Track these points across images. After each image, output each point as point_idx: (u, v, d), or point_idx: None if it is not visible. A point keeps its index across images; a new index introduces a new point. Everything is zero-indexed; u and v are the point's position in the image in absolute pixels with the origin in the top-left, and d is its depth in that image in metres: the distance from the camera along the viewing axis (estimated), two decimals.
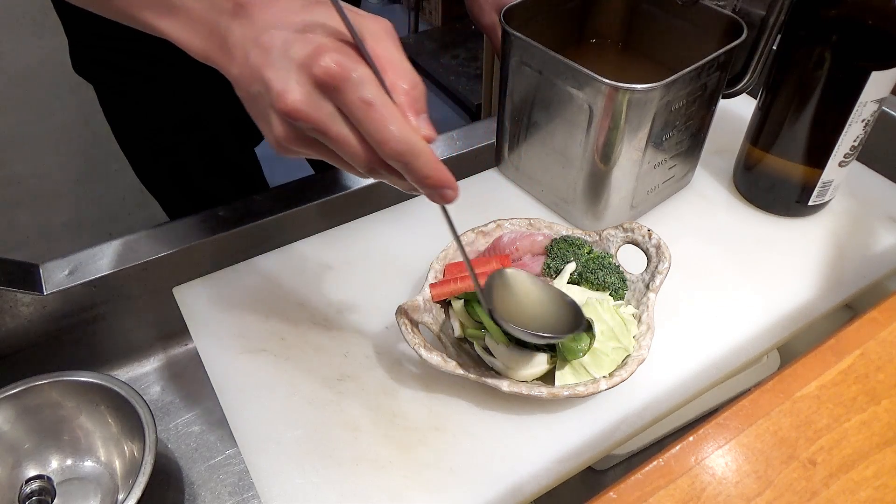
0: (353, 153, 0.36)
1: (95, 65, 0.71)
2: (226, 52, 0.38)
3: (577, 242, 0.56)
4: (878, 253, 0.64)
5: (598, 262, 0.55)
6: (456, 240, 0.44)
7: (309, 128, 0.35)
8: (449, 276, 0.54)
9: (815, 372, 0.40)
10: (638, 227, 0.57)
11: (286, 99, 0.34)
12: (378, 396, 0.52)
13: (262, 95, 0.36)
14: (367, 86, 0.34)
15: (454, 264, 0.56)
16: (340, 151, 0.36)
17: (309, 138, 0.37)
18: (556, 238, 0.58)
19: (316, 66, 0.34)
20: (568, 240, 0.57)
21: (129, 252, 0.63)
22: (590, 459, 0.49)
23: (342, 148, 0.36)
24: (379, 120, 0.34)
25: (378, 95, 0.34)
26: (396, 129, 0.34)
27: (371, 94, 0.34)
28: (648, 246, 0.56)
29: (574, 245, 0.56)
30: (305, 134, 0.36)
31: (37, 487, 0.56)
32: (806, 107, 0.59)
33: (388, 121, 0.34)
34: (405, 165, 0.35)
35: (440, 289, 0.53)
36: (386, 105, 0.34)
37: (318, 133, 0.35)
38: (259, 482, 0.47)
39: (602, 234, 0.58)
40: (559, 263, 0.55)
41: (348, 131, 0.35)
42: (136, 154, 0.79)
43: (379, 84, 0.34)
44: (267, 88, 0.35)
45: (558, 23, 0.69)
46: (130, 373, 0.68)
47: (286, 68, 0.35)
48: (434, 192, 0.36)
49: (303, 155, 0.39)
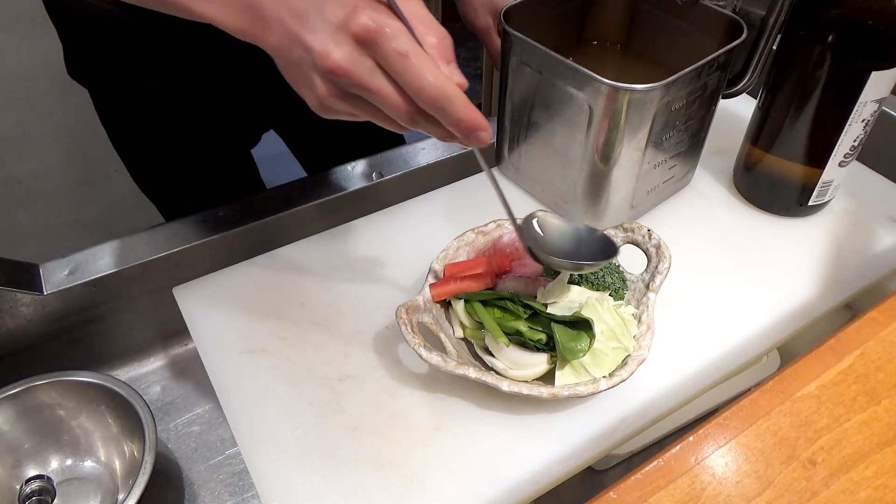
0: (393, 104, 0.38)
1: (93, 67, 0.70)
2: (262, 25, 0.39)
3: None
4: (878, 253, 0.64)
5: None
6: (493, 183, 0.46)
7: (352, 84, 0.37)
8: (449, 276, 0.55)
9: (815, 372, 0.40)
10: (638, 228, 0.57)
11: (329, 58, 0.36)
12: (378, 396, 0.52)
13: (303, 60, 0.38)
14: (401, 39, 0.36)
15: (454, 264, 0.56)
16: (381, 104, 0.38)
17: (351, 95, 0.39)
18: None
19: (354, 23, 0.36)
20: None
21: (129, 252, 0.63)
22: (590, 459, 0.49)
23: (383, 100, 0.38)
24: (415, 69, 0.36)
25: (412, 47, 0.36)
26: (432, 77, 0.36)
27: (406, 47, 0.36)
28: (648, 246, 0.56)
29: None
30: (348, 91, 0.38)
31: (37, 487, 0.56)
32: (806, 107, 0.59)
33: (423, 70, 0.36)
34: (441, 111, 0.37)
35: (440, 289, 0.53)
36: (420, 56, 0.36)
37: (360, 89, 0.38)
38: (259, 482, 0.47)
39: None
40: None
41: (388, 84, 0.38)
42: (133, 156, 0.78)
43: (412, 37, 0.37)
44: (308, 51, 0.37)
45: (558, 23, 0.69)
46: (130, 373, 0.68)
47: (325, 30, 0.37)
48: (469, 134, 0.38)
49: (345, 114, 0.40)
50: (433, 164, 0.74)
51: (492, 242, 0.58)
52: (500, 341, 0.50)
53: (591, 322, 0.49)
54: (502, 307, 0.52)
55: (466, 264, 0.55)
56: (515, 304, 0.51)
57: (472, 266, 0.55)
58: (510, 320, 0.51)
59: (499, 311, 0.52)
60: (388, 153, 0.74)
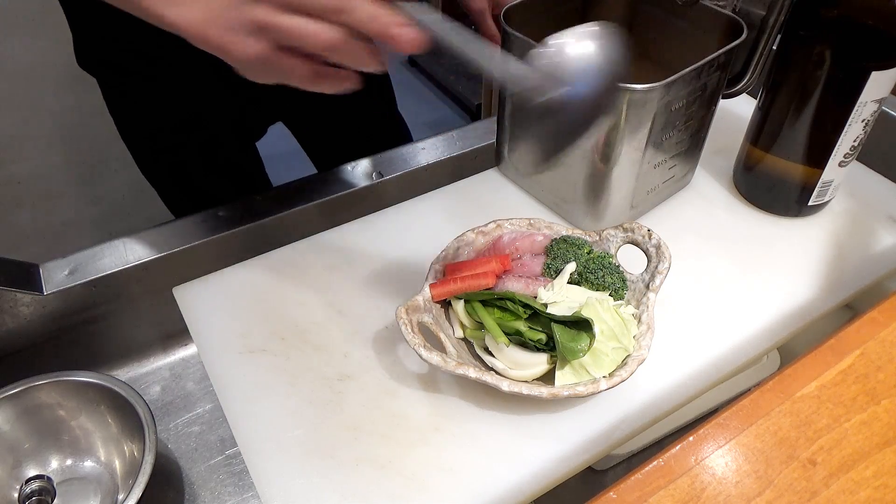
0: (311, 32, 0.40)
1: (98, 61, 0.71)
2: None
3: (577, 242, 0.56)
4: (878, 253, 0.64)
5: (598, 262, 0.55)
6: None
7: (275, 32, 0.40)
8: (449, 276, 0.55)
9: (815, 372, 0.40)
10: (638, 227, 0.57)
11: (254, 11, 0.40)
12: (378, 396, 0.52)
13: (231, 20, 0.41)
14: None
15: (454, 264, 0.56)
16: (301, 40, 0.40)
17: (274, 51, 0.41)
18: (556, 238, 0.58)
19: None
20: (568, 240, 0.57)
21: (129, 252, 0.63)
22: (590, 459, 0.49)
23: (302, 35, 0.40)
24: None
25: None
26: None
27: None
28: (648, 246, 0.56)
29: (574, 245, 0.56)
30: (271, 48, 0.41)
31: (37, 487, 0.56)
32: (806, 107, 0.59)
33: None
34: (345, 17, 0.39)
35: (440, 289, 0.53)
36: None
37: (280, 32, 0.40)
38: (259, 482, 0.47)
39: (602, 234, 0.58)
40: (559, 263, 0.55)
41: (303, 20, 0.40)
42: (138, 151, 0.79)
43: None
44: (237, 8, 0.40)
45: (558, 23, 0.69)
46: (130, 373, 0.68)
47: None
48: (387, 35, 0.39)
49: (272, 74, 0.43)
50: (433, 164, 0.74)
51: (492, 242, 0.58)
52: (500, 341, 0.50)
53: (591, 322, 0.49)
54: (502, 307, 0.52)
55: (466, 264, 0.55)
56: (515, 304, 0.51)
57: (472, 266, 0.55)
58: (510, 320, 0.51)
59: (499, 311, 0.52)
60: (388, 153, 0.75)
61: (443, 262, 0.56)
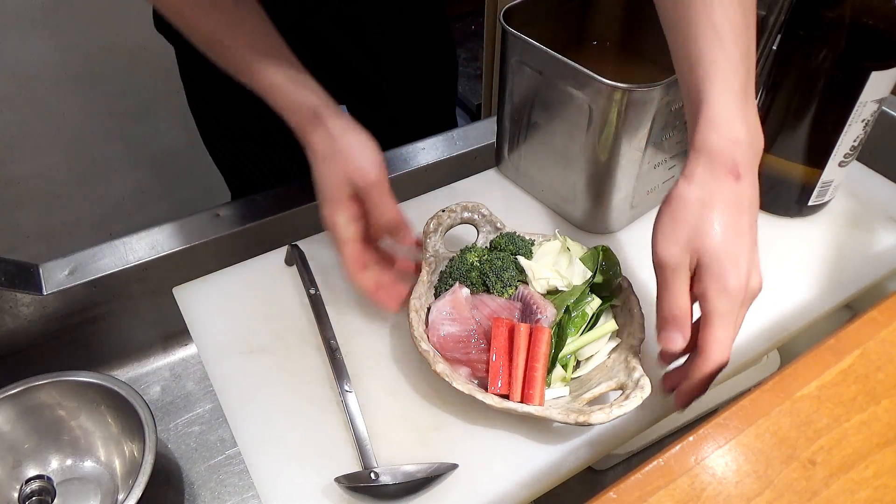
0: (387, 212, 0.54)
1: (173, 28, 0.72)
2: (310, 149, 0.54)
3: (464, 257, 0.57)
4: (878, 253, 0.64)
5: (491, 265, 0.55)
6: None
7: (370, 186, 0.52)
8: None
9: (815, 372, 0.40)
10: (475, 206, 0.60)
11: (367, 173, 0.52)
12: (378, 396, 0.52)
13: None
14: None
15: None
16: (380, 209, 0.53)
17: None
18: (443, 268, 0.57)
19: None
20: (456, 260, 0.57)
21: (129, 252, 0.63)
22: (590, 459, 0.49)
23: (384, 208, 0.54)
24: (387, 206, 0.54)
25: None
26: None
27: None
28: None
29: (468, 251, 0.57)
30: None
31: (37, 487, 0.56)
32: (806, 107, 0.59)
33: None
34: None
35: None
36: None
37: (373, 194, 0.53)
38: (259, 482, 0.47)
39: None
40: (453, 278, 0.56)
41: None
42: (203, 120, 0.81)
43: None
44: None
45: (558, 23, 0.69)
46: (130, 373, 0.68)
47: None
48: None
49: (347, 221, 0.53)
50: (433, 164, 0.74)
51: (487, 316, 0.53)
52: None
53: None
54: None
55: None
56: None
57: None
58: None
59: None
60: (388, 153, 0.74)
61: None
